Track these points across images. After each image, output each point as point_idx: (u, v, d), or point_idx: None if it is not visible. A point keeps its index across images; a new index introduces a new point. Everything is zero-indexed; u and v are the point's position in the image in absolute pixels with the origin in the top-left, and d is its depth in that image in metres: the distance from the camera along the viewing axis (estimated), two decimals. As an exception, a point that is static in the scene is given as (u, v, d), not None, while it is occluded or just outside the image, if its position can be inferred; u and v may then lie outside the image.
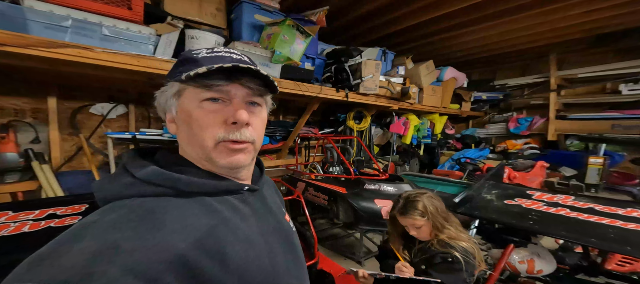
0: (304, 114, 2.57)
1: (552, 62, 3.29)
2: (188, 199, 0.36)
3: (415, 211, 0.83)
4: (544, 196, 1.09)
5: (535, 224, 0.95)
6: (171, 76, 0.39)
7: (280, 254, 0.40)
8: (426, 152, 3.74)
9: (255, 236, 0.38)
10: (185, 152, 0.41)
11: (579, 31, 2.60)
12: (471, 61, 3.79)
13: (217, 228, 0.34)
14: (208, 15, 1.86)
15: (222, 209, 0.37)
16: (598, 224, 0.88)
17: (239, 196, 0.40)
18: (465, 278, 0.77)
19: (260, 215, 0.41)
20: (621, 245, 0.79)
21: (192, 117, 0.37)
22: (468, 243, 0.81)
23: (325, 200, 1.97)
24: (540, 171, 2.45)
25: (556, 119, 3.25)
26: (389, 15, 2.44)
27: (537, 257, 1.10)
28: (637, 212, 0.90)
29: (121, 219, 0.30)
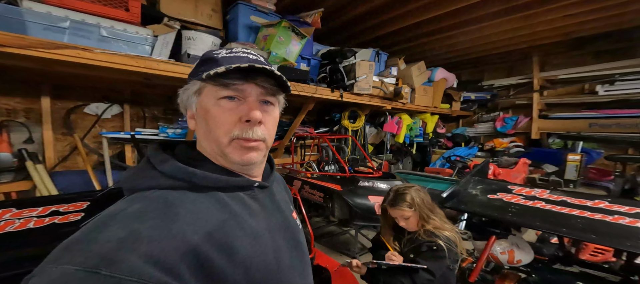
0: (300, 114, 2.61)
1: (535, 64, 3.46)
2: (202, 193, 0.37)
3: (404, 203, 0.89)
4: (523, 191, 1.18)
5: (514, 216, 1.03)
6: (193, 74, 0.42)
7: (285, 250, 0.41)
8: (418, 150, 3.85)
9: (262, 232, 0.39)
10: (202, 147, 0.43)
11: (558, 35, 2.76)
12: (460, 62, 3.93)
13: (227, 222, 0.36)
14: (204, 16, 1.87)
15: (233, 204, 0.38)
16: (568, 215, 0.97)
17: (249, 192, 0.42)
18: (449, 264, 0.84)
19: (269, 211, 0.43)
20: (587, 233, 0.88)
21: (209, 114, 0.39)
22: (451, 233, 0.88)
23: (321, 197, 2.03)
24: (523, 167, 2.59)
25: (539, 118, 3.42)
26: (381, 17, 2.51)
27: (516, 248, 1.19)
28: (603, 203, 0.99)
29: (144, 209, 0.32)
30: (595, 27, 2.56)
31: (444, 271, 0.84)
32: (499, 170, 2.07)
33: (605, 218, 0.92)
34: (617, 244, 0.83)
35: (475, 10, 2.31)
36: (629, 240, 0.82)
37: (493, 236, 1.12)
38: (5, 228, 0.73)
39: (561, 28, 2.58)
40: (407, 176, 2.66)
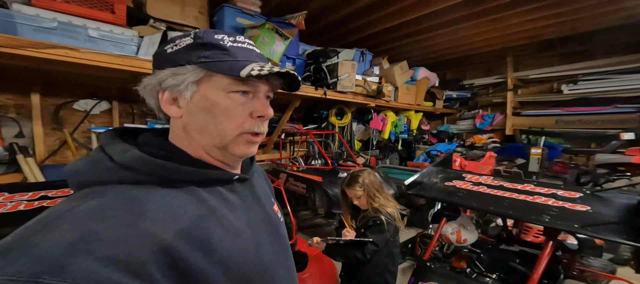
0: (287, 111, 2.72)
1: (508, 64, 3.67)
2: (173, 188, 0.34)
3: (356, 184, 1.04)
4: (472, 178, 1.33)
5: (459, 199, 1.18)
6: (190, 59, 0.36)
7: (267, 244, 0.40)
8: (404, 146, 4.01)
9: (243, 227, 0.37)
10: (182, 138, 0.39)
11: (526, 37, 2.96)
12: (443, 62, 4.11)
13: (204, 218, 0.33)
14: (190, 17, 1.95)
15: (211, 198, 0.36)
16: (499, 197, 1.13)
17: (229, 185, 0.39)
18: (388, 236, 0.98)
19: (249, 205, 0.41)
20: (507, 210, 1.04)
21: (218, 106, 0.37)
22: (392, 209, 1.03)
23: (304, 188, 2.14)
24: (490, 160, 2.78)
25: (513, 115, 3.63)
26: (365, 19, 2.64)
27: (463, 228, 1.34)
28: (529, 187, 1.15)
29: (101, 207, 0.28)
30: (556, 31, 2.77)
31: (387, 241, 0.99)
32: (465, 162, 2.23)
33: (527, 198, 1.09)
34: (524, 218, 0.99)
35: (449, 13, 2.47)
36: (534, 214, 0.98)
37: (444, 218, 1.27)
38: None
39: (527, 31, 2.78)
40: (390, 170, 2.80)
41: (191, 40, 0.38)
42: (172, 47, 0.38)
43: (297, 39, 2.55)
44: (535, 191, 1.15)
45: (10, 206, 0.85)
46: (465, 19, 2.57)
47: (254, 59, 0.39)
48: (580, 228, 0.90)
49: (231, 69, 0.36)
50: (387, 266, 1.02)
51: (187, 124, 0.38)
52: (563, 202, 1.06)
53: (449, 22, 2.65)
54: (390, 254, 1.03)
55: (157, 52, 0.39)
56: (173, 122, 0.40)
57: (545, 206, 1.05)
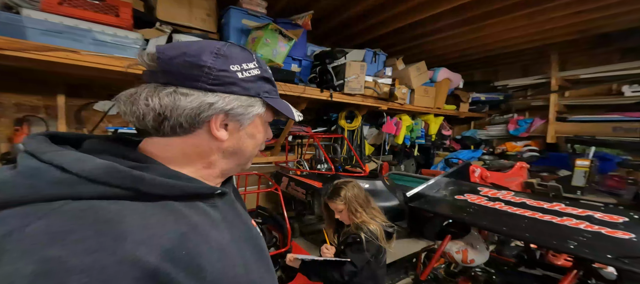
0: (293, 113, 2.67)
1: (553, 63, 3.17)
2: (149, 203, 0.30)
3: (338, 197, 0.92)
4: (489, 192, 1.12)
5: (468, 215, 0.99)
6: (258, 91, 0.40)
7: (252, 262, 0.38)
8: (421, 152, 3.71)
9: (228, 244, 0.35)
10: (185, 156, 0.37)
11: (572, 32, 2.52)
12: (469, 62, 3.72)
13: (187, 236, 0.30)
14: (198, 20, 2.01)
15: (191, 214, 0.33)
16: (517, 215, 0.92)
17: (209, 201, 0.37)
18: (368, 256, 0.84)
19: (230, 221, 0.38)
20: (523, 232, 0.83)
21: (261, 134, 0.43)
22: (375, 227, 0.89)
23: (303, 194, 2.05)
24: (520, 171, 2.39)
25: (556, 121, 3.12)
26: (378, 17, 2.49)
27: (470, 247, 1.13)
28: (559, 206, 0.92)
29: (59, 228, 0.23)
30: (615, 24, 2.31)
31: (369, 261, 0.84)
32: (487, 173, 1.93)
33: (553, 219, 0.87)
34: (541, 242, 0.78)
35: (474, 9, 2.20)
36: (557, 239, 0.76)
37: (448, 235, 1.08)
38: None
39: (576, 25, 2.36)
40: (401, 177, 2.58)
41: (258, 71, 0.40)
42: (242, 72, 0.38)
43: (305, 40, 2.50)
44: (565, 212, 0.92)
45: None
46: (493, 15, 2.27)
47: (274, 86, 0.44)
48: (615, 260, 0.68)
49: (290, 112, 0.44)
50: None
51: (228, 147, 0.40)
52: (600, 227, 0.83)
53: (474, 18, 2.36)
54: (372, 276, 0.90)
55: (215, 67, 0.36)
56: (189, 140, 0.37)
57: (574, 229, 0.83)
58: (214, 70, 0.35)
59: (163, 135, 0.36)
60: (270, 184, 2.41)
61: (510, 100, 3.79)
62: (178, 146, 0.37)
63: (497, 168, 2.36)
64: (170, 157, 0.37)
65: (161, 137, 0.36)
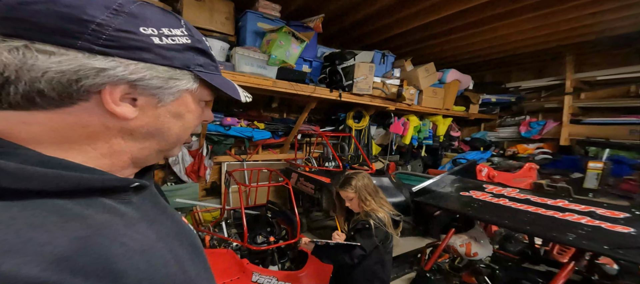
0: (303, 112, 2.78)
1: (568, 64, 3.10)
2: (15, 202, 0.22)
3: (349, 186, 1.01)
4: (494, 189, 1.17)
5: (472, 210, 1.05)
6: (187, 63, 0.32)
7: (187, 260, 0.32)
8: (429, 153, 3.73)
9: (153, 243, 0.28)
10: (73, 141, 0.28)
11: (589, 32, 2.48)
12: (480, 63, 3.70)
13: (89, 240, 0.23)
14: (218, 23, 2.16)
15: (91, 213, 0.25)
16: (520, 210, 0.97)
17: (116, 196, 0.29)
18: (376, 241, 0.93)
19: (152, 218, 0.32)
20: (525, 226, 0.88)
21: (192, 113, 0.35)
22: (383, 214, 0.97)
23: (312, 189, 2.16)
24: (529, 172, 2.38)
25: (570, 123, 3.05)
26: (387, 20, 2.55)
27: (474, 241, 1.18)
28: (562, 202, 0.96)
29: None
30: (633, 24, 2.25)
31: (377, 246, 0.93)
32: (494, 173, 1.95)
33: (556, 214, 0.92)
34: (542, 234, 0.83)
35: (485, 10, 2.22)
36: (557, 232, 0.81)
37: (452, 229, 1.14)
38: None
39: (592, 26, 2.32)
40: (405, 176, 2.64)
41: (187, 40, 0.32)
42: (159, 38, 0.30)
43: (315, 42, 2.61)
44: (567, 208, 0.97)
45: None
46: (505, 17, 2.27)
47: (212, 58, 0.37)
48: (611, 250, 0.73)
49: (234, 91, 0.37)
50: (376, 273, 0.97)
51: (140, 127, 0.31)
52: (601, 222, 0.87)
53: (485, 19, 2.38)
54: (380, 261, 0.98)
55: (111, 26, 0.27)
56: (67, 118, 0.27)
57: (575, 224, 0.88)
58: (108, 28, 0.26)
59: (11, 107, 0.25)
60: (281, 179, 2.54)
61: (523, 102, 3.73)
62: (44, 125, 0.27)
63: (505, 168, 2.36)
64: (33, 140, 0.26)
65: (10, 110, 0.26)
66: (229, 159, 2.80)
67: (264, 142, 2.86)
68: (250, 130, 2.63)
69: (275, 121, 2.99)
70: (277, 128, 2.90)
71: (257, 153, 2.94)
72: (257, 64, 2.05)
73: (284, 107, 3.24)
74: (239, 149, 2.86)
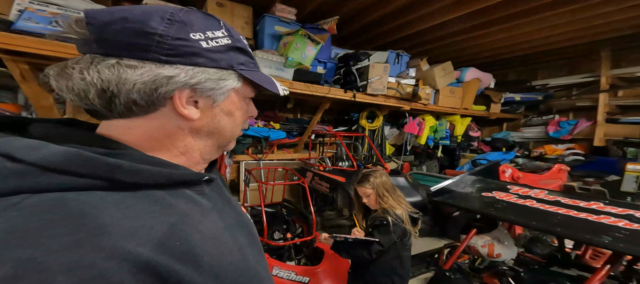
0: (317, 113, 2.83)
1: (603, 60, 2.87)
2: (127, 193, 0.27)
3: (366, 183, 1.03)
4: (519, 191, 1.13)
5: (495, 211, 1.03)
6: (230, 63, 0.34)
7: (247, 247, 0.36)
8: (446, 153, 3.61)
9: (221, 232, 0.32)
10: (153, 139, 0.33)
11: (627, 27, 2.28)
12: (502, 61, 3.53)
13: (178, 226, 0.27)
14: (238, 27, 2.27)
15: (178, 203, 0.30)
16: (549, 212, 0.92)
17: (196, 188, 0.34)
18: (393, 237, 0.94)
19: (220, 208, 0.36)
20: (555, 227, 0.84)
21: (240, 110, 0.37)
22: (401, 211, 0.98)
23: (327, 188, 2.19)
24: (558, 174, 2.22)
25: (606, 122, 2.81)
26: (402, 19, 2.52)
27: (497, 242, 1.14)
28: (597, 205, 0.91)
29: (26, 226, 0.21)
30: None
31: (395, 243, 0.94)
32: (519, 174, 1.85)
33: (589, 216, 0.87)
34: (575, 237, 0.79)
35: (507, 8, 2.12)
36: (591, 234, 0.77)
37: (474, 229, 1.11)
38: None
39: (629, 20, 2.14)
40: (421, 177, 2.59)
41: (228, 40, 0.34)
42: (206, 41, 0.32)
43: (330, 43, 2.64)
44: (603, 211, 0.91)
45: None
46: (530, 13, 2.16)
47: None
48: None
49: (273, 86, 0.39)
50: (394, 268, 0.98)
51: (202, 127, 0.35)
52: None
53: (507, 17, 2.27)
54: (398, 256, 0.99)
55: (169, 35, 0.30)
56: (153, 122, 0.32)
57: (611, 227, 0.83)
58: (167, 38, 0.30)
59: (120, 116, 0.31)
60: (296, 178, 2.60)
61: (551, 100, 3.49)
62: (141, 128, 0.32)
63: (532, 169, 2.23)
64: (135, 142, 0.32)
65: (119, 119, 0.31)
66: (247, 158, 2.92)
67: (279, 142, 2.94)
68: (266, 130, 2.72)
69: (290, 121, 3.07)
70: (291, 128, 2.97)
71: (272, 153, 3.03)
72: (275, 66, 2.13)
73: (298, 108, 3.31)
74: (255, 149, 2.97)
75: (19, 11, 1.11)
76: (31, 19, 1.12)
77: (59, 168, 0.24)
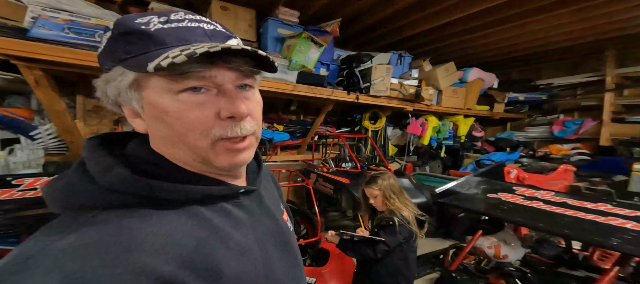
0: (320, 114, 2.84)
1: (609, 59, 2.85)
2: (170, 209, 0.29)
3: (374, 184, 1.05)
4: (525, 192, 1.13)
5: (501, 213, 1.03)
6: (114, 57, 0.29)
7: (276, 259, 0.36)
8: (449, 154, 3.60)
9: (250, 244, 0.33)
10: (163, 152, 0.32)
11: (633, 25, 2.26)
12: (505, 60, 3.51)
13: (207, 240, 0.29)
14: (241, 31, 2.29)
15: (213, 217, 0.31)
16: (556, 213, 0.92)
17: (233, 201, 0.34)
18: (400, 238, 0.95)
19: (256, 218, 0.36)
20: (562, 229, 0.84)
21: (168, 114, 0.29)
22: (407, 213, 0.99)
23: (331, 189, 2.20)
24: (565, 174, 2.20)
25: (612, 122, 2.79)
26: (404, 20, 2.52)
27: (503, 243, 1.14)
28: (605, 206, 0.91)
29: (82, 242, 0.24)
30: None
31: (401, 244, 0.95)
32: (525, 174, 1.84)
33: (597, 218, 0.87)
34: (582, 238, 0.79)
35: (509, 8, 2.12)
36: (599, 236, 0.77)
37: (480, 231, 1.11)
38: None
39: (637, 18, 2.12)
40: (425, 178, 2.59)
41: (111, 32, 0.30)
42: (100, 47, 0.30)
43: (332, 45, 2.66)
44: (610, 212, 0.91)
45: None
46: (533, 13, 2.15)
47: (198, 38, 0.29)
48: None
49: (139, 64, 0.27)
50: (400, 270, 1.00)
51: (155, 137, 0.32)
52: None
53: (510, 17, 2.27)
54: (404, 258, 1.00)
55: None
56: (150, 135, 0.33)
57: (619, 228, 0.83)
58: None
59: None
60: (299, 179, 2.60)
61: (555, 100, 3.47)
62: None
63: (537, 170, 2.22)
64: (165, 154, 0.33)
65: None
66: (250, 160, 2.92)
67: (282, 143, 2.96)
68: (270, 132, 2.74)
69: (293, 122, 3.08)
70: (295, 130, 2.99)
71: (275, 154, 3.05)
72: (278, 69, 2.14)
73: (301, 109, 3.32)
74: (259, 150, 2.98)
75: (33, 19, 1.15)
76: (45, 26, 1.15)
77: (119, 190, 0.28)
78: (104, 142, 0.33)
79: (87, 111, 2.10)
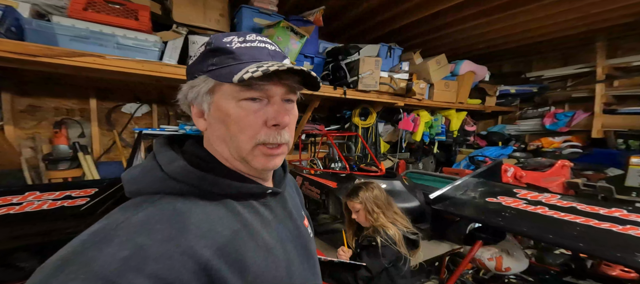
0: (306, 112, 2.64)
1: (599, 50, 2.80)
2: (212, 201, 0.34)
3: (355, 197, 0.86)
4: (528, 195, 0.98)
5: (503, 220, 0.87)
6: (199, 67, 0.37)
7: (296, 262, 0.39)
8: (442, 149, 3.50)
9: (274, 243, 0.36)
10: (214, 149, 0.39)
11: (625, 15, 2.19)
12: (496, 53, 3.42)
13: (239, 233, 0.33)
14: (212, 21, 2.05)
15: (244, 212, 0.36)
16: (566, 221, 0.78)
17: (261, 199, 0.39)
18: (383, 262, 0.77)
19: (280, 220, 0.40)
20: (577, 242, 0.70)
21: (230, 116, 0.35)
22: (393, 231, 0.81)
23: (318, 194, 2.02)
24: (562, 170, 2.12)
25: (603, 113, 2.74)
26: (393, 10, 2.36)
27: (506, 254, 1.00)
28: (620, 212, 0.77)
29: (149, 220, 0.29)
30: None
31: (386, 268, 0.78)
32: (522, 172, 1.73)
33: (614, 227, 0.73)
34: (602, 254, 0.65)
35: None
36: (620, 251, 0.62)
37: (479, 241, 0.96)
38: (25, 208, 0.92)
39: (629, 7, 2.04)
40: (418, 176, 2.45)
41: (203, 47, 0.38)
42: (192, 59, 0.39)
43: (317, 37, 2.46)
44: (628, 219, 0.77)
45: (36, 205, 0.96)
46: (525, 3, 2.04)
47: (264, 57, 0.36)
48: None
49: (227, 75, 0.34)
50: None
51: (212, 135, 0.39)
52: None
53: (503, 6, 2.15)
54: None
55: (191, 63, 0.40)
56: (204, 134, 0.41)
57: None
58: (187, 68, 0.40)
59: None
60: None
61: (546, 92, 3.42)
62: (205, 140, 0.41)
63: (534, 167, 2.12)
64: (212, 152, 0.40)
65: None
66: (231, 163, 2.70)
67: (266, 144, 2.75)
68: (251, 132, 2.52)
69: (278, 121, 2.87)
70: (279, 129, 2.78)
71: (260, 156, 2.83)
72: (254, 62, 1.92)
73: (286, 107, 3.11)
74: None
75: None
76: None
77: (178, 178, 0.34)
78: (168, 140, 0.40)
79: (18, 111, 1.78)
